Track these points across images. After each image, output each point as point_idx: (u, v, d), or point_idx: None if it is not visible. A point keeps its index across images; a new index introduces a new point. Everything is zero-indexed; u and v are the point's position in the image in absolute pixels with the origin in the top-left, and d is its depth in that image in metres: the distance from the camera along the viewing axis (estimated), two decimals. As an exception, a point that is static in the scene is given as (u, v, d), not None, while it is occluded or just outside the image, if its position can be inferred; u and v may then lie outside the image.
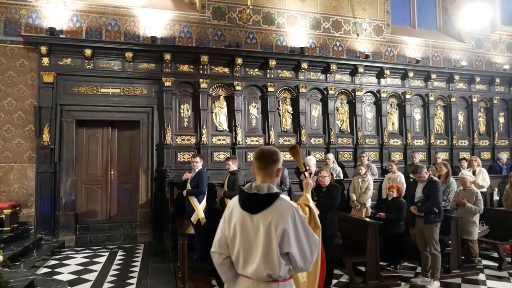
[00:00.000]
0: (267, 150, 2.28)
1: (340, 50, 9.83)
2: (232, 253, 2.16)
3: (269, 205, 2.08)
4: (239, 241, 2.11)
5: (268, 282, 2.07)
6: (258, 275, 2.06)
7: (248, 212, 2.11)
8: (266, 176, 2.22)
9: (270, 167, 2.22)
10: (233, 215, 2.17)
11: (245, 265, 2.11)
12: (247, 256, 2.10)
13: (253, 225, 2.08)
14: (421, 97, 10.41)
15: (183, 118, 8.42)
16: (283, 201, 2.12)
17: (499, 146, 11.08)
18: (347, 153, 9.52)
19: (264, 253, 2.03)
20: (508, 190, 7.27)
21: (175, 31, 8.58)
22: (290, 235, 2.01)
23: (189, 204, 6.27)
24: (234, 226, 2.14)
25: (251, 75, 8.83)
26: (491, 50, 11.72)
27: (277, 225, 2.02)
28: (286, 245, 2.01)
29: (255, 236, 2.07)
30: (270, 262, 2.03)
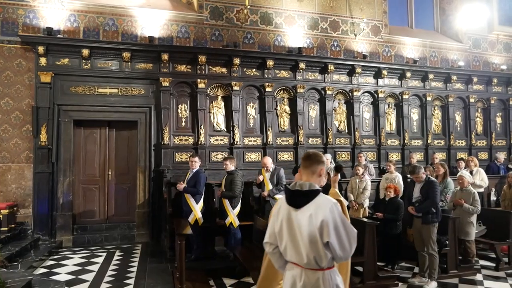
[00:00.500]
0: (312, 152, 2.62)
1: (337, 50, 9.84)
2: (281, 245, 2.44)
3: (310, 201, 2.35)
4: (285, 234, 2.39)
5: (315, 270, 2.33)
6: (305, 263, 2.33)
7: (292, 207, 2.39)
8: (309, 174, 2.51)
9: (313, 166, 2.51)
10: (281, 211, 2.46)
11: (293, 255, 2.38)
12: (294, 246, 2.36)
13: (297, 219, 2.35)
14: (419, 97, 10.43)
15: (181, 118, 8.42)
16: (323, 197, 2.39)
17: (497, 146, 11.12)
18: (344, 153, 9.53)
19: (309, 243, 2.29)
20: (505, 190, 7.29)
21: (172, 31, 8.57)
22: (329, 226, 2.25)
23: (187, 204, 6.27)
24: (281, 221, 2.43)
25: (249, 75, 8.83)
26: (489, 50, 11.75)
27: (317, 217, 2.28)
28: (326, 235, 2.25)
29: (299, 229, 2.33)
30: (315, 252, 2.29)
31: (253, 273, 5.12)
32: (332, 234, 2.26)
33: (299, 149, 9.00)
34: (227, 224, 6.21)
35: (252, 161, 8.74)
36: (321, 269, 2.33)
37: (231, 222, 6.18)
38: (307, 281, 2.34)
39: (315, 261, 2.31)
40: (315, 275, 2.33)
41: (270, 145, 8.78)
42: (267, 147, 8.76)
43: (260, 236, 5.79)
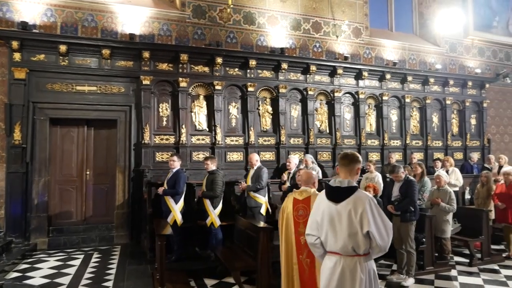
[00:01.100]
0: (350, 152, 2.93)
1: (319, 51, 9.91)
2: (321, 235, 2.79)
3: (349, 196, 2.68)
4: (326, 225, 2.74)
5: (353, 256, 2.66)
6: (344, 250, 2.66)
7: (332, 202, 2.73)
8: (347, 172, 2.82)
9: (351, 165, 2.83)
10: (321, 205, 2.81)
11: (333, 243, 2.71)
12: (334, 235, 2.70)
13: (337, 211, 2.69)
14: (398, 99, 10.61)
15: (162, 117, 8.30)
16: (361, 192, 2.72)
17: (471, 146, 11.43)
18: (326, 153, 9.60)
19: (349, 233, 2.62)
20: (479, 189, 7.51)
21: (154, 29, 8.45)
22: (368, 216, 2.58)
23: (166, 204, 6.18)
24: (322, 213, 2.77)
25: (231, 74, 8.79)
26: (464, 54, 12.07)
27: (357, 209, 2.61)
28: (365, 225, 2.58)
29: (339, 221, 2.67)
30: (354, 240, 2.62)
31: (234, 273, 5.09)
32: (372, 224, 2.58)
33: (280, 149, 9.02)
34: (208, 224, 6.16)
35: (234, 161, 8.70)
36: (358, 255, 2.66)
37: (212, 222, 6.13)
38: (345, 265, 2.66)
39: (352, 249, 2.64)
40: (352, 260, 2.66)
41: (252, 145, 8.76)
42: (249, 146, 8.73)
43: (242, 236, 5.77)
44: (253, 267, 5.07)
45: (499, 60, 12.75)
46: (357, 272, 2.63)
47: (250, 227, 5.48)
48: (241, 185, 6.67)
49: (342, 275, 2.66)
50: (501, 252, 6.91)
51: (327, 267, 2.75)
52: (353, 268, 2.64)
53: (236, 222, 6.18)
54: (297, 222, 3.91)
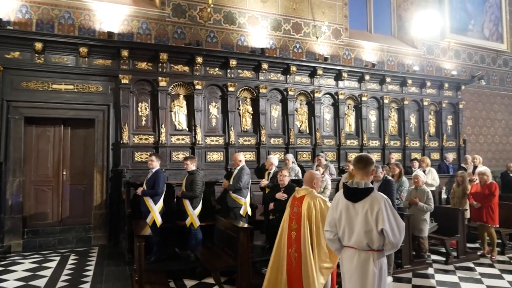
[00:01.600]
0: (365, 155, 3.17)
1: (300, 52, 9.98)
2: (339, 230, 3.06)
3: (366, 196, 2.94)
4: (344, 221, 3.01)
5: (367, 250, 2.92)
6: (359, 245, 2.94)
7: (350, 201, 3.00)
8: (364, 174, 3.07)
9: (366, 168, 3.07)
10: (339, 204, 3.07)
11: (349, 238, 2.99)
12: (351, 231, 2.97)
13: (355, 210, 2.97)
14: (377, 100, 10.78)
15: (141, 116, 8.20)
16: (377, 193, 3.00)
17: (447, 147, 11.71)
18: (306, 153, 9.67)
19: (365, 230, 2.89)
20: (454, 189, 7.71)
21: (133, 27, 8.34)
22: (383, 215, 2.84)
23: (145, 205, 6.12)
24: (340, 211, 3.05)
25: (212, 74, 8.76)
26: (441, 56, 12.37)
27: (373, 208, 2.88)
28: (380, 223, 2.83)
29: (356, 218, 2.95)
30: (369, 237, 2.89)
31: (214, 274, 5.08)
32: (386, 222, 2.83)
33: (261, 149, 9.04)
34: (188, 225, 6.12)
35: (214, 161, 8.67)
36: (371, 250, 2.92)
37: (191, 222, 6.09)
38: (360, 259, 2.94)
39: (367, 245, 2.91)
40: (366, 254, 2.93)
41: (232, 145, 8.75)
42: (229, 146, 8.72)
43: (222, 236, 5.76)
44: (233, 267, 5.07)
45: (474, 62, 13.11)
46: (370, 266, 2.91)
47: (230, 227, 5.47)
48: (224, 184, 6.70)
49: (357, 267, 2.95)
50: (476, 250, 7.10)
51: (345, 259, 3.06)
52: (367, 261, 2.92)
53: (216, 223, 6.17)
54: (291, 218, 4.17)
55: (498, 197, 7.02)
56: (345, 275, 3.09)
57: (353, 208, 2.97)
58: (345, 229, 3.01)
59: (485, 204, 6.92)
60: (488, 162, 11.78)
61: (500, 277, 5.78)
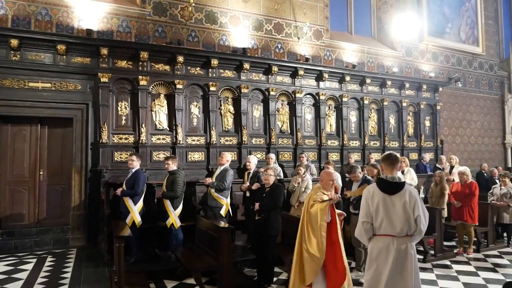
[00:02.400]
0: (393, 153, 3.65)
1: (281, 52, 10.03)
2: (376, 221, 3.39)
3: (401, 189, 3.38)
4: (381, 213, 3.36)
5: (403, 237, 3.33)
6: (400, 232, 3.32)
7: (387, 194, 3.38)
8: (394, 169, 3.53)
9: (395, 164, 3.56)
10: (375, 197, 3.42)
11: (388, 227, 3.33)
12: (389, 221, 3.33)
13: (391, 201, 3.36)
14: (357, 100, 10.92)
15: (121, 116, 8.08)
16: (410, 187, 3.50)
17: (425, 147, 11.96)
18: (287, 153, 9.73)
19: (406, 218, 3.31)
20: (432, 188, 7.88)
21: (113, 25, 8.21)
22: (418, 205, 3.33)
23: (124, 205, 6.04)
24: (377, 204, 3.39)
25: (193, 73, 8.71)
26: (419, 58, 12.63)
27: (411, 199, 3.33)
28: (416, 211, 3.31)
29: (393, 208, 3.34)
30: (409, 223, 3.32)
31: (195, 274, 5.06)
32: (420, 211, 3.31)
33: (242, 149, 9.04)
34: (168, 225, 6.08)
35: (195, 161, 8.63)
36: (407, 236, 3.34)
37: (172, 223, 6.05)
38: (399, 244, 3.31)
39: (405, 231, 3.32)
40: (404, 240, 3.33)
41: (214, 145, 8.72)
42: (211, 146, 8.69)
43: (203, 236, 5.74)
44: (214, 268, 5.06)
45: (451, 64, 13.43)
46: (409, 249, 3.33)
47: (211, 227, 5.46)
48: (206, 180, 6.67)
49: (397, 252, 3.30)
50: (452, 248, 7.29)
51: (378, 247, 3.38)
52: (406, 246, 3.33)
53: (197, 223, 6.14)
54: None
55: (478, 196, 7.20)
56: (379, 262, 3.37)
57: (389, 200, 3.37)
58: (383, 219, 3.35)
59: (465, 203, 7.07)
60: (464, 162, 12.09)
61: (476, 274, 5.95)
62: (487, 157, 13.91)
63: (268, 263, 5.36)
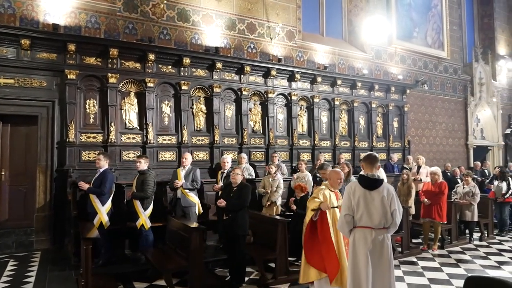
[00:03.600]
0: (372, 154, 4.03)
1: (254, 52, 10.04)
2: (357, 214, 3.72)
3: (379, 186, 3.74)
4: (362, 206, 3.70)
5: (381, 229, 3.69)
6: (377, 224, 3.67)
7: (367, 189, 3.73)
8: (374, 168, 3.87)
9: (374, 163, 3.89)
10: (356, 192, 3.75)
11: (367, 220, 3.68)
12: (369, 214, 3.68)
13: (371, 196, 3.71)
14: (328, 101, 11.08)
15: (89, 114, 7.85)
16: (387, 184, 3.87)
17: (393, 148, 12.29)
18: (259, 153, 9.75)
19: (383, 212, 3.66)
20: (400, 187, 8.11)
21: (81, 20, 7.97)
22: (394, 201, 3.70)
23: (91, 206, 5.88)
24: (358, 198, 3.72)
25: (164, 72, 8.57)
26: (388, 61, 12.96)
27: (389, 194, 3.71)
28: (393, 205, 3.68)
29: (372, 202, 3.69)
30: (385, 217, 3.67)
31: (166, 275, 4.98)
32: (396, 205, 3.68)
33: (214, 149, 8.98)
34: (138, 226, 5.96)
35: (166, 161, 8.50)
36: (384, 228, 3.71)
37: (142, 224, 5.94)
38: (376, 235, 3.66)
39: (383, 224, 3.68)
40: (381, 232, 3.69)
41: (185, 144, 8.62)
42: (182, 146, 8.59)
43: (174, 237, 5.66)
44: (185, 268, 5.01)
45: (418, 68, 13.87)
46: (385, 240, 3.70)
47: (182, 227, 5.40)
48: (177, 183, 6.58)
49: (375, 242, 3.65)
50: (418, 245, 7.51)
51: (359, 237, 3.70)
52: (383, 237, 3.69)
53: (168, 223, 6.06)
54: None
55: (446, 195, 7.47)
56: (357, 252, 3.70)
57: (369, 195, 3.71)
58: (363, 212, 3.69)
59: (435, 202, 7.31)
60: (429, 162, 12.50)
61: (440, 270, 6.18)
62: (451, 157, 14.46)
63: (238, 263, 5.35)
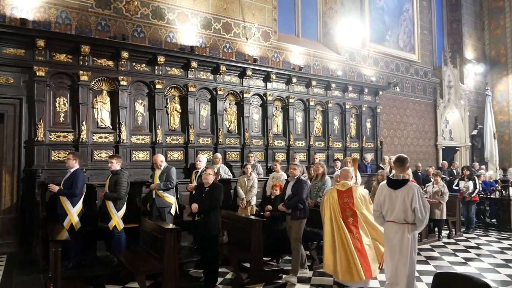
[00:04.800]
0: (403, 156, 4.60)
1: (229, 52, 10.01)
2: (383, 209, 4.49)
3: (403, 185, 4.33)
4: (387, 203, 4.43)
5: (403, 223, 4.31)
6: (399, 219, 4.33)
7: (392, 188, 4.40)
8: (402, 169, 4.51)
9: (404, 165, 4.53)
10: (383, 191, 4.50)
11: (391, 214, 4.39)
12: (392, 210, 4.38)
13: (395, 195, 4.36)
14: (303, 102, 11.18)
15: (59, 112, 7.61)
16: (412, 183, 4.41)
17: (366, 148, 12.53)
18: (234, 153, 9.72)
19: (403, 208, 4.29)
20: (375, 186, 8.28)
21: (50, 15, 7.71)
22: (415, 198, 4.23)
23: (61, 207, 5.70)
24: (384, 196, 4.47)
25: (138, 70, 8.42)
26: (362, 63, 13.21)
27: (409, 193, 4.27)
28: (414, 203, 4.23)
29: (396, 200, 4.34)
30: (406, 213, 4.29)
31: (139, 277, 4.89)
32: (417, 203, 4.22)
33: (189, 149, 8.89)
34: (111, 228, 5.82)
35: (140, 160, 8.35)
36: (407, 223, 4.31)
37: (115, 225, 5.81)
38: (399, 229, 4.33)
39: (403, 219, 4.30)
40: (403, 226, 4.31)
41: (160, 144, 8.50)
42: (156, 145, 8.45)
43: (147, 238, 5.56)
44: (159, 270, 4.93)
45: (390, 70, 14.20)
46: (405, 233, 4.29)
47: (156, 228, 5.32)
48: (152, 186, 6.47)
49: (397, 234, 4.32)
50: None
51: (387, 230, 4.47)
52: (403, 230, 4.30)
53: (142, 224, 5.96)
54: (343, 207, 5.29)
55: None
56: (387, 241, 4.48)
57: (394, 193, 4.35)
58: (388, 208, 4.39)
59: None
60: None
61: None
62: (421, 157, 14.88)
63: (211, 263, 5.31)
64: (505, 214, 9.85)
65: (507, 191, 9.92)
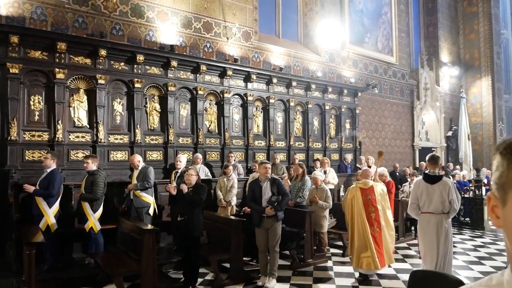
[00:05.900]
0: (436, 155, 5.19)
1: (210, 52, 9.96)
2: (420, 202, 5.00)
3: (439, 180, 4.91)
4: (424, 196, 4.95)
5: (440, 213, 4.87)
6: (437, 210, 4.88)
7: (429, 183, 4.94)
8: (436, 166, 5.09)
9: (437, 163, 5.13)
10: (420, 186, 5.01)
11: (429, 206, 4.91)
12: (430, 202, 4.91)
13: (432, 189, 4.91)
14: (283, 102, 11.23)
15: (34, 111, 7.40)
16: (446, 178, 5.05)
17: (346, 148, 12.68)
18: (214, 153, 9.68)
19: (441, 200, 4.86)
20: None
21: (25, 11, 7.50)
22: (451, 191, 4.85)
23: (37, 208, 5.55)
24: (421, 190, 4.98)
25: (117, 69, 8.27)
26: (341, 64, 13.37)
27: (445, 187, 4.86)
28: (450, 195, 4.83)
29: (433, 193, 4.89)
30: (443, 204, 4.86)
31: (117, 279, 4.81)
32: (453, 195, 4.84)
33: (169, 148, 8.80)
34: (87, 229, 5.71)
35: (118, 160, 8.21)
36: (443, 213, 4.88)
37: (91, 226, 5.69)
38: (436, 219, 4.86)
39: (440, 210, 4.86)
40: (440, 216, 4.87)
41: (138, 144, 8.37)
42: (135, 145, 8.33)
43: (125, 240, 5.47)
44: (137, 272, 4.86)
45: (369, 72, 14.42)
46: (443, 222, 4.85)
47: (134, 229, 5.24)
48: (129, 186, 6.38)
49: (434, 224, 4.85)
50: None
51: (424, 221, 4.97)
52: (441, 220, 4.86)
53: (120, 225, 5.86)
54: (367, 204, 5.76)
55: (394, 194, 7.80)
56: (422, 233, 5.01)
57: (431, 187, 4.91)
58: (426, 201, 4.93)
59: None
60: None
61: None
62: (399, 158, 15.17)
63: (192, 264, 5.28)
64: (478, 213, 10.17)
65: (480, 190, 10.23)
